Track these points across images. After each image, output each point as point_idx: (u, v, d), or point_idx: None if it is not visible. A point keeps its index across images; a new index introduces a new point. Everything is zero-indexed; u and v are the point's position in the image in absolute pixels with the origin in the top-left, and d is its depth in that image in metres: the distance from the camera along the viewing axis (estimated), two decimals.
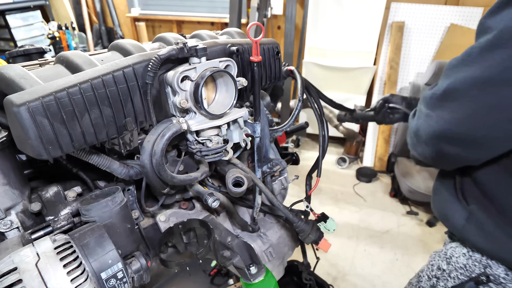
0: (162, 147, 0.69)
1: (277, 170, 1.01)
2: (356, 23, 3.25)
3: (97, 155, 0.70)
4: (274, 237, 1.04)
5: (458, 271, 0.87)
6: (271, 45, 0.93)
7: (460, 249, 0.89)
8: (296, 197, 1.08)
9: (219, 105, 0.77)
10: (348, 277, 2.20)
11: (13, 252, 0.55)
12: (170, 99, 0.74)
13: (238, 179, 0.84)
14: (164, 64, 0.71)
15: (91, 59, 0.69)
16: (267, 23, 3.40)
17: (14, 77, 0.60)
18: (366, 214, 2.84)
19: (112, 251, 0.58)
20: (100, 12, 4.62)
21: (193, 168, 0.88)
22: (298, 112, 1.02)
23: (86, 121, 0.61)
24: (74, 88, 0.59)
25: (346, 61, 3.36)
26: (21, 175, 0.71)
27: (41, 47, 1.04)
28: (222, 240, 0.95)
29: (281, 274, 1.03)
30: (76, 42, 4.04)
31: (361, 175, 3.30)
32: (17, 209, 0.69)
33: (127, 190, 0.85)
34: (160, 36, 0.85)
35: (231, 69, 0.77)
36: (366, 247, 2.42)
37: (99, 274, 0.56)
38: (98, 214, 0.63)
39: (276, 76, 0.97)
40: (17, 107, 0.53)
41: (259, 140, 0.89)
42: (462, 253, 0.87)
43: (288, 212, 0.89)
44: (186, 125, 0.72)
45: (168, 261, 0.82)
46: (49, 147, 0.57)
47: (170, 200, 0.92)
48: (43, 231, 0.66)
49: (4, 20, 3.86)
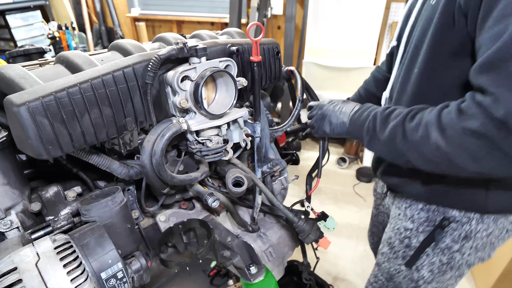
0: (162, 147, 0.69)
1: (277, 170, 1.01)
2: (356, 23, 3.24)
3: (97, 155, 0.70)
4: (274, 237, 1.04)
5: (423, 225, 0.98)
6: (271, 45, 0.93)
7: (415, 206, 0.99)
8: (296, 197, 1.08)
9: (219, 105, 0.77)
10: (348, 277, 2.20)
11: (13, 252, 0.55)
12: (170, 99, 0.74)
13: (238, 179, 0.85)
14: (164, 64, 0.71)
15: (91, 59, 0.69)
16: (267, 23, 3.40)
17: (14, 77, 0.60)
18: (366, 214, 2.83)
19: (112, 251, 0.58)
20: (100, 12, 4.62)
21: (193, 168, 0.88)
22: (298, 112, 1.03)
23: (86, 121, 0.61)
24: (74, 88, 0.59)
25: (346, 61, 3.36)
26: (21, 175, 0.71)
27: (41, 47, 1.04)
28: (222, 240, 0.95)
29: (281, 274, 1.03)
30: (76, 42, 4.04)
31: (361, 175, 3.30)
32: (17, 209, 0.69)
33: (127, 190, 0.85)
34: (160, 36, 0.85)
35: (231, 69, 0.77)
36: (366, 247, 2.41)
37: (99, 274, 0.56)
38: (98, 214, 0.63)
39: (276, 76, 0.97)
40: (17, 107, 0.53)
41: (259, 140, 0.89)
42: (419, 208, 0.98)
43: (288, 212, 0.89)
44: (186, 125, 0.72)
45: (168, 261, 0.82)
46: (49, 147, 0.57)
47: (170, 200, 0.92)
48: (43, 231, 0.66)
49: (4, 20, 3.86)
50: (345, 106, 0.93)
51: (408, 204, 1.01)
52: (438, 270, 0.98)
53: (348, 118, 0.90)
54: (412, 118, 0.74)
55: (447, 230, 0.93)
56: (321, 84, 3.38)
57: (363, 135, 0.84)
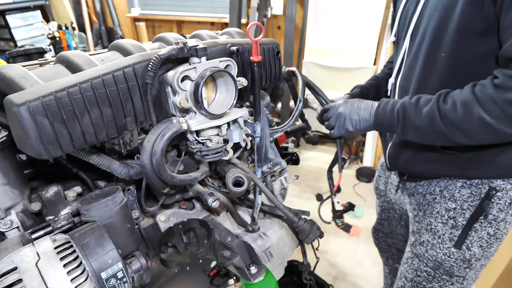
0: (162, 147, 0.69)
1: (277, 170, 1.01)
2: (356, 23, 3.24)
3: (97, 155, 0.70)
4: (274, 237, 1.04)
5: (467, 201, 0.98)
6: (271, 45, 0.93)
7: (452, 186, 1.01)
8: (296, 197, 1.08)
9: (219, 105, 0.77)
10: (348, 277, 2.20)
11: (13, 252, 0.55)
12: (170, 99, 0.74)
13: (238, 179, 0.85)
14: (164, 64, 0.71)
15: (91, 59, 0.69)
16: (267, 23, 3.40)
17: (14, 77, 0.60)
18: (366, 214, 2.83)
19: (112, 250, 0.58)
20: (100, 12, 4.62)
21: (193, 168, 0.88)
22: (299, 112, 1.03)
23: (86, 121, 0.61)
24: (74, 88, 0.59)
25: (346, 61, 3.36)
26: (21, 175, 0.71)
27: (41, 47, 1.04)
28: (222, 240, 0.95)
29: (281, 274, 1.03)
30: (76, 42, 4.04)
31: (361, 175, 3.30)
32: (17, 209, 0.69)
33: (127, 190, 0.85)
34: (160, 36, 0.85)
35: (231, 69, 0.77)
36: (366, 247, 2.41)
37: (99, 274, 0.56)
38: (98, 214, 0.63)
39: (276, 76, 0.97)
40: (17, 107, 0.53)
41: (259, 140, 0.89)
42: (459, 187, 1.00)
43: (288, 212, 0.89)
44: (186, 125, 0.72)
45: (168, 261, 0.82)
46: (49, 147, 0.57)
47: (170, 200, 0.92)
48: (43, 231, 0.66)
49: (4, 20, 3.86)
50: (362, 103, 0.98)
51: (443, 186, 1.03)
52: (487, 243, 0.99)
53: (370, 113, 0.95)
54: (444, 101, 0.81)
55: (493, 201, 0.95)
56: (321, 84, 3.35)
57: (395, 125, 0.90)
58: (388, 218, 1.45)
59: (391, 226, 1.47)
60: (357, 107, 0.98)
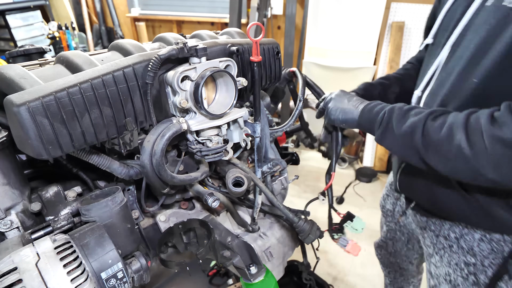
0: (162, 147, 0.69)
1: (277, 170, 1.01)
2: (356, 23, 3.24)
3: (97, 155, 0.70)
4: (274, 237, 1.04)
5: (488, 258, 0.87)
6: (271, 45, 0.93)
7: (470, 236, 0.89)
8: (296, 197, 1.08)
9: (219, 105, 0.77)
10: (348, 277, 2.20)
11: (13, 252, 0.55)
12: (170, 99, 0.74)
13: (238, 179, 0.85)
14: (164, 64, 0.71)
15: (91, 59, 0.69)
16: (267, 23, 3.40)
17: (14, 77, 0.60)
18: (366, 214, 2.83)
19: (112, 251, 0.58)
20: (100, 12, 4.62)
21: (193, 168, 0.88)
22: (299, 112, 1.03)
23: (86, 121, 0.61)
24: (74, 88, 0.59)
25: (346, 61, 3.36)
26: (21, 175, 0.71)
27: (41, 47, 1.04)
28: (222, 240, 0.95)
29: (281, 274, 1.03)
30: (76, 42, 4.04)
31: (361, 175, 3.30)
32: (17, 209, 0.69)
33: (127, 190, 0.85)
34: (160, 36, 0.85)
35: (231, 69, 0.77)
36: (366, 247, 2.41)
37: (99, 274, 0.56)
38: (98, 214, 0.63)
39: (276, 76, 0.97)
40: (17, 107, 0.53)
41: (259, 140, 0.89)
42: (477, 239, 0.88)
43: (288, 212, 0.89)
44: (186, 125, 0.72)
45: (168, 261, 0.82)
46: (49, 147, 0.57)
47: (170, 200, 0.92)
48: (43, 231, 0.66)
49: (4, 20, 3.86)
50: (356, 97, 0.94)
51: (459, 234, 0.92)
52: None
53: (358, 109, 0.90)
54: (436, 118, 0.73)
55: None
56: (321, 84, 3.36)
57: (375, 127, 0.83)
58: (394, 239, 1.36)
59: (395, 246, 1.39)
60: (350, 96, 0.94)
